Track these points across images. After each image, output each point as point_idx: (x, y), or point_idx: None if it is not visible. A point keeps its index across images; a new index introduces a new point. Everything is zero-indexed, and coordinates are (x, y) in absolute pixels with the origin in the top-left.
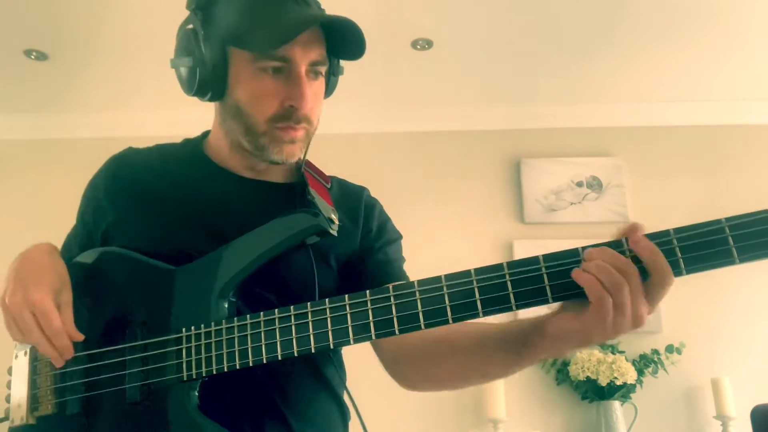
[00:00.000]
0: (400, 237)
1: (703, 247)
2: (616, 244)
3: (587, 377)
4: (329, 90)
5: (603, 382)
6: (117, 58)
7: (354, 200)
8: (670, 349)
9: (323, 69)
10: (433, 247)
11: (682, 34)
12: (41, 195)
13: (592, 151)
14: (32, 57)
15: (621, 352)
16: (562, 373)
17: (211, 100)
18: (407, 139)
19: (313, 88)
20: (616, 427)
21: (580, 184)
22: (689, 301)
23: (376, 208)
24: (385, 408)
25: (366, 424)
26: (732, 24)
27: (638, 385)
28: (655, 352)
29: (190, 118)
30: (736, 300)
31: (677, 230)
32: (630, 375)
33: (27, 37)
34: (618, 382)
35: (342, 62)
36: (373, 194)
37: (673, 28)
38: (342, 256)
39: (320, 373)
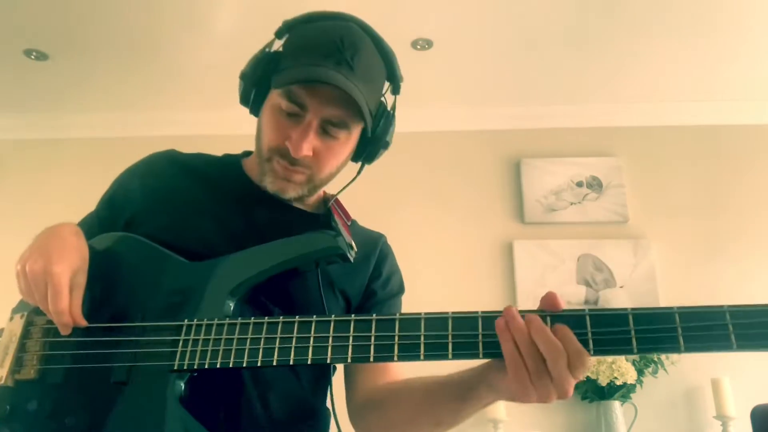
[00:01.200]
0: (402, 291)
1: (610, 334)
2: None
3: (587, 377)
4: (366, 156)
5: (603, 382)
6: (117, 58)
7: (370, 244)
8: None
9: (340, 133)
10: (433, 247)
11: (682, 34)
12: (41, 195)
13: (592, 151)
14: (32, 57)
15: None
16: None
17: (251, 113)
18: (407, 139)
19: (325, 144)
20: (616, 427)
21: (580, 184)
22: (689, 301)
23: (389, 256)
24: None
25: None
26: (733, 24)
27: (638, 385)
28: None
29: (191, 119)
30: (737, 300)
31: (591, 312)
32: (630, 375)
33: (27, 37)
34: (618, 382)
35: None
36: (372, 195)
37: (674, 28)
38: (348, 291)
39: (307, 385)
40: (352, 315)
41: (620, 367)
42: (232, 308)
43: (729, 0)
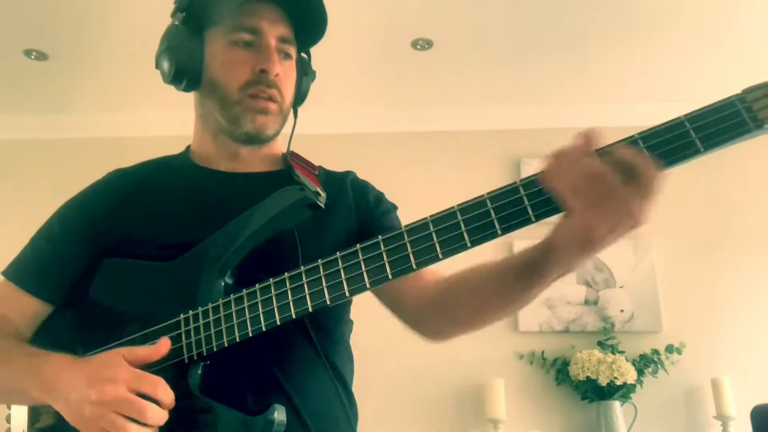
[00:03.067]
0: (396, 207)
1: (669, 142)
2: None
3: (587, 377)
4: (302, 92)
5: (603, 382)
6: (117, 58)
7: (340, 181)
8: (670, 349)
9: (291, 50)
10: None
11: (682, 34)
12: (41, 195)
13: None
14: (32, 57)
15: (621, 352)
16: (562, 373)
17: (187, 87)
18: (407, 139)
19: (284, 66)
20: (616, 427)
21: None
22: (689, 301)
23: (366, 186)
24: (386, 407)
25: (367, 423)
26: (732, 24)
27: (638, 385)
28: (655, 352)
29: (191, 118)
30: (737, 300)
31: (641, 134)
32: (630, 375)
33: (27, 37)
34: (618, 382)
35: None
36: None
37: (674, 28)
38: (339, 229)
39: (323, 356)
40: (357, 245)
41: (620, 367)
42: (223, 288)
43: (728, 1)
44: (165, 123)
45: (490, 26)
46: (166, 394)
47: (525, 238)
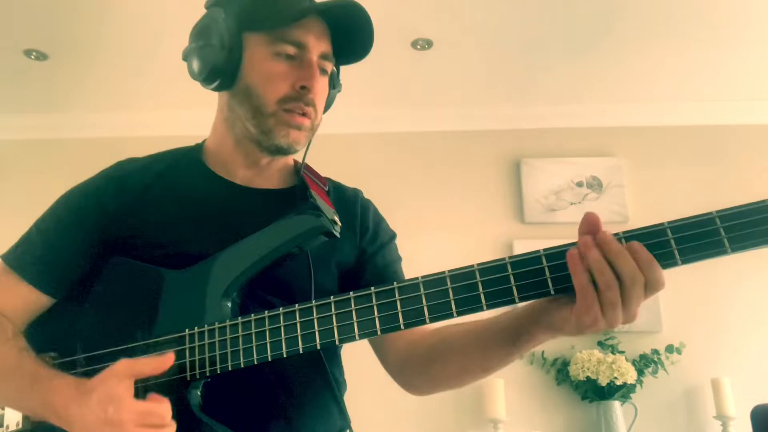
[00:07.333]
0: (394, 236)
1: (696, 238)
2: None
3: (587, 377)
4: (327, 104)
5: (603, 382)
6: (117, 58)
7: (350, 204)
8: (670, 349)
9: (330, 67)
10: (433, 247)
11: (682, 34)
12: (41, 195)
13: (592, 151)
14: (32, 57)
15: (621, 352)
16: (562, 373)
17: (218, 87)
18: (407, 139)
19: (321, 82)
20: (616, 427)
21: (580, 184)
22: (689, 301)
23: (370, 209)
24: (385, 408)
25: (366, 424)
26: (732, 24)
27: (638, 385)
28: (655, 352)
29: (190, 118)
30: (737, 300)
31: (671, 223)
32: (630, 375)
33: (27, 37)
34: (618, 382)
35: (342, 69)
36: (372, 194)
37: (674, 28)
38: (343, 261)
39: (327, 375)
40: (351, 293)
41: (620, 367)
42: (230, 308)
43: (728, 0)
44: (165, 123)
45: (489, 26)
46: (172, 422)
47: (525, 238)
